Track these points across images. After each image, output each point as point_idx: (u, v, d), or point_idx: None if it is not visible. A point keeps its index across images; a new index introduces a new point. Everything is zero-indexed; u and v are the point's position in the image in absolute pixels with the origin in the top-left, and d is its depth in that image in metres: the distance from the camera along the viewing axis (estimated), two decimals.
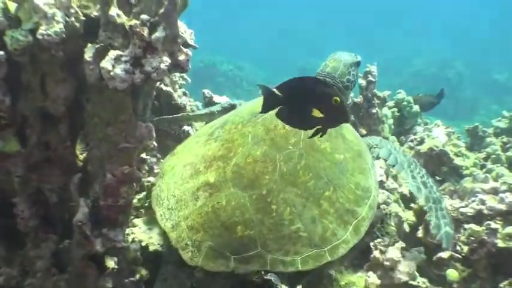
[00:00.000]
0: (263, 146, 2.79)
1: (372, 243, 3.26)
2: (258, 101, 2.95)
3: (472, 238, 3.34)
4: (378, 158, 3.39)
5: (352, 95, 4.77)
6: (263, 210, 2.58)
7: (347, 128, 3.12)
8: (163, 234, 2.92)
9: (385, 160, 3.37)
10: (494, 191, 3.60)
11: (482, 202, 3.46)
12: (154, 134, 2.59)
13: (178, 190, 2.82)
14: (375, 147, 3.39)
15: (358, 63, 3.53)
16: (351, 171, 2.86)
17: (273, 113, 2.99)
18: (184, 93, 4.63)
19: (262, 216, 2.55)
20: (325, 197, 2.69)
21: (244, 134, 2.90)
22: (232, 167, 2.73)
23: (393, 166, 3.32)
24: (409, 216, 3.88)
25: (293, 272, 2.57)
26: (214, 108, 3.96)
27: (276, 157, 2.72)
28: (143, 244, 3.05)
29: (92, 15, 2.34)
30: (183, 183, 2.83)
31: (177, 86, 4.51)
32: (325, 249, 2.57)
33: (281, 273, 2.57)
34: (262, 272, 2.48)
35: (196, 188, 2.75)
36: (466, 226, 3.43)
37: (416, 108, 5.66)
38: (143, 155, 3.47)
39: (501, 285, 3.17)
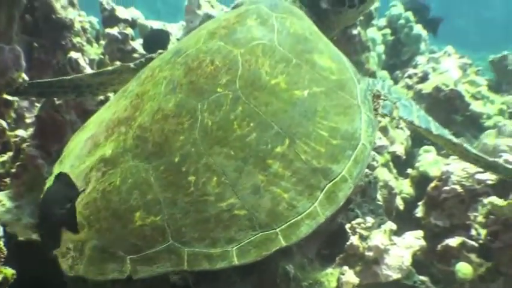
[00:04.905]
0: (178, 94, 2.48)
1: (347, 225, 3.13)
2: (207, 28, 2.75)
3: (493, 217, 3.18)
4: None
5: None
6: (175, 186, 2.30)
7: (321, 49, 2.69)
8: None
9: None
10: None
11: (508, 164, 3.12)
12: (23, 62, 2.49)
13: (72, 175, 2.53)
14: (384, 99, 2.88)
15: None
16: (323, 113, 2.47)
17: (200, 44, 2.63)
18: (72, 4, 4.22)
19: (173, 194, 2.26)
20: (276, 155, 2.34)
21: (158, 81, 2.60)
22: (134, 131, 2.45)
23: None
24: (403, 186, 3.70)
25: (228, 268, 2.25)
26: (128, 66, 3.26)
27: (195, 107, 2.41)
28: (9, 230, 2.86)
29: None
30: (79, 165, 2.56)
31: None
32: (277, 229, 2.23)
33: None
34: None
35: (90, 169, 2.47)
36: (485, 200, 3.27)
37: (418, 30, 5.22)
38: (7, 96, 3.21)
39: None
